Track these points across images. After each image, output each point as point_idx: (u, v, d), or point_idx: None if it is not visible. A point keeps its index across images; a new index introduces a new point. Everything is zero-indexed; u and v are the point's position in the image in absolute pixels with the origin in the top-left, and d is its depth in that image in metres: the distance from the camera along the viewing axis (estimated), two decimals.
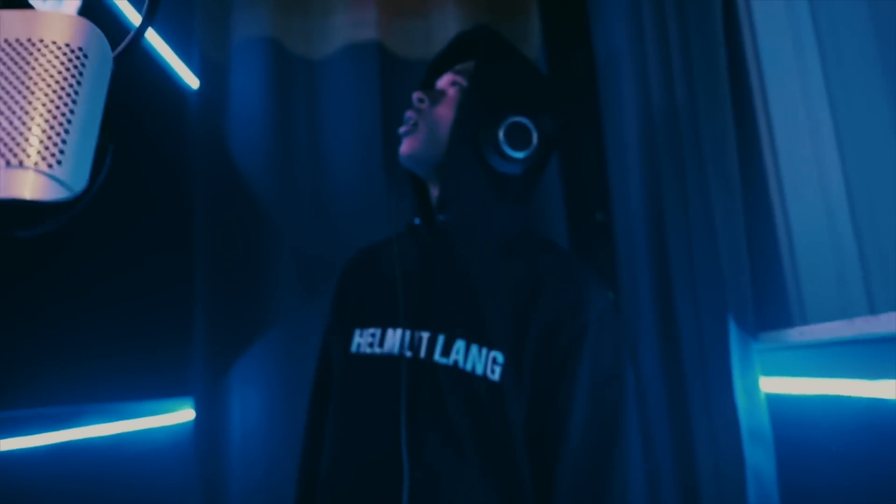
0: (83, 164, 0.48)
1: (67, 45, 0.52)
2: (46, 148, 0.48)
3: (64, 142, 0.49)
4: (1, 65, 0.50)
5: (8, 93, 0.49)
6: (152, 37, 1.86)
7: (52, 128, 0.49)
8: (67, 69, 0.51)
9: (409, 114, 1.16)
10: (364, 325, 0.99)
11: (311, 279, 2.06)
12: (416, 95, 1.18)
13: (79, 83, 0.51)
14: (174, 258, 1.85)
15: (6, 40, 0.51)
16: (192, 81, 2.05)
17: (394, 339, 0.93)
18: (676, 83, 1.62)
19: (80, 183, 0.47)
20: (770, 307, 1.40)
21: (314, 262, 2.06)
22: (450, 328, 0.90)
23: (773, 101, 1.48)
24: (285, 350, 1.88)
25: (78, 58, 0.52)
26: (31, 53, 0.51)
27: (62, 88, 0.50)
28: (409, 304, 0.95)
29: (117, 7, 1.70)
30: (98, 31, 0.53)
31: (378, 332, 0.95)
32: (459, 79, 1.17)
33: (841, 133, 1.40)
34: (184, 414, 1.84)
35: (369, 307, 1.03)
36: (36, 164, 0.47)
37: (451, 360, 0.88)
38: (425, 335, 0.90)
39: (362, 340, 0.97)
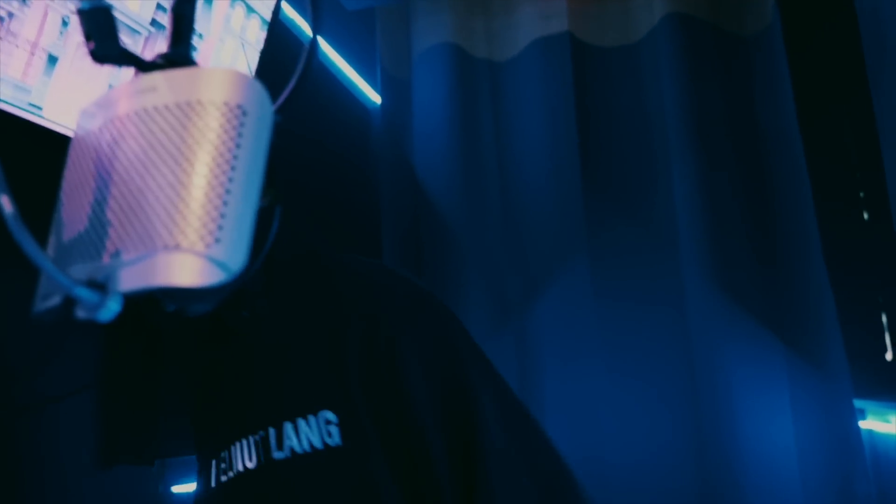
0: (242, 240, 0.45)
1: (226, 103, 0.49)
2: (204, 225, 0.45)
3: (223, 216, 0.45)
4: (153, 134, 0.49)
5: (162, 164, 0.47)
6: (334, 56, 1.95)
7: (209, 201, 0.46)
8: (226, 131, 0.48)
9: None
10: (219, 452, 0.96)
11: (504, 303, 2.01)
12: None
13: (238, 146, 0.48)
14: None
15: (163, 106, 0.49)
16: (375, 98, 2.11)
17: (238, 454, 0.91)
18: None
19: (238, 262, 0.44)
20: None
21: (506, 285, 2.01)
22: (275, 417, 0.87)
23: None
24: None
25: (237, 117, 0.49)
26: (187, 116, 0.49)
27: (220, 154, 0.47)
28: (239, 413, 0.93)
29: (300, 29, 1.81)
30: (258, 84, 0.50)
31: (226, 454, 0.92)
32: None
33: None
34: None
35: (219, 430, 0.98)
36: (193, 244, 0.44)
37: (286, 451, 0.84)
38: (259, 436, 0.88)
39: (216, 470, 0.94)
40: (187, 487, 1.40)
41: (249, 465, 0.88)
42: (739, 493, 1.84)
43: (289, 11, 1.75)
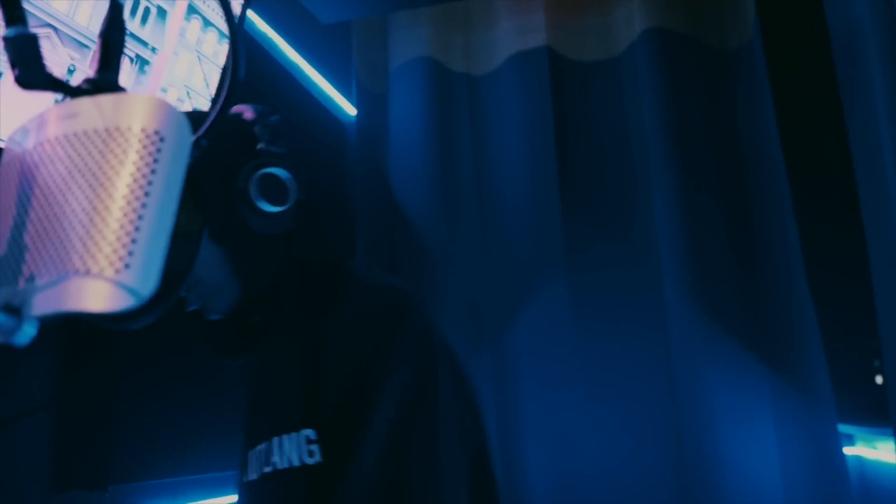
0: (153, 265, 0.46)
1: (143, 129, 0.51)
2: (115, 251, 0.47)
3: (134, 241, 0.47)
4: (72, 159, 0.50)
5: (79, 189, 0.49)
6: (308, 69, 1.97)
7: (121, 227, 0.47)
8: (141, 157, 0.50)
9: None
10: (244, 454, 1.02)
11: (480, 322, 2.02)
12: None
13: (153, 171, 0.50)
14: None
15: (83, 131, 0.51)
16: (350, 111, 2.13)
17: (247, 462, 0.96)
18: None
19: (148, 287, 0.45)
20: None
21: (483, 303, 2.02)
22: (272, 431, 0.91)
23: None
24: None
25: (154, 143, 0.51)
26: (105, 143, 0.51)
27: (135, 181, 0.49)
28: (252, 423, 0.98)
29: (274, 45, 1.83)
30: (176, 110, 0.52)
31: (247, 461, 0.98)
32: None
33: None
34: None
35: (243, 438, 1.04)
36: (102, 270, 0.46)
37: (272, 465, 0.89)
38: (261, 448, 0.92)
39: (248, 468, 1.00)
40: None
41: (254, 475, 0.94)
42: None
43: (262, 26, 1.78)
